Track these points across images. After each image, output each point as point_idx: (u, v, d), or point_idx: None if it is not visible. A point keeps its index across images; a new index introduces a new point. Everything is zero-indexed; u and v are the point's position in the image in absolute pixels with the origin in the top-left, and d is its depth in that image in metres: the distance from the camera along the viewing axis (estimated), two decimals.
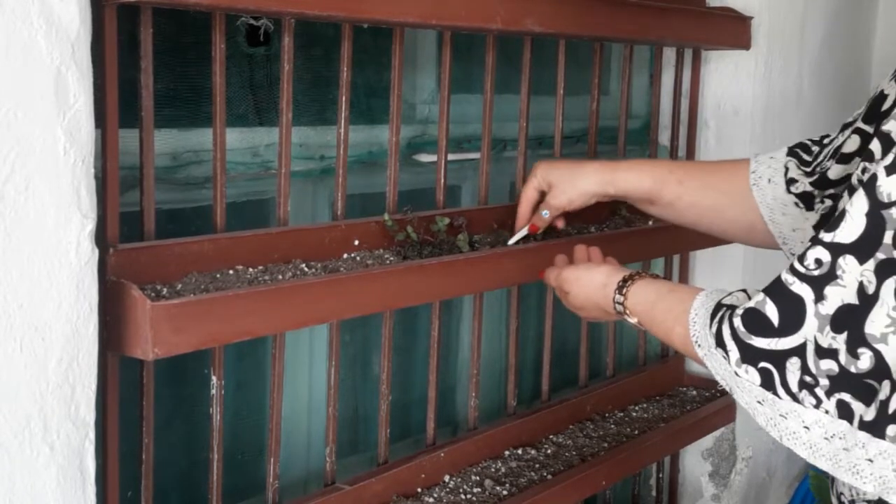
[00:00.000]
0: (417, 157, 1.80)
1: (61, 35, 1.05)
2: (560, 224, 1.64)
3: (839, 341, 0.93)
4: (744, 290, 1.10)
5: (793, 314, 0.97)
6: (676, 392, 2.19)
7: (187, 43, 1.41)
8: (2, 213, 1.02)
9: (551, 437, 1.85)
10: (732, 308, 1.06)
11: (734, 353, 1.02)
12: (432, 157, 1.72)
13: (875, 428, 0.93)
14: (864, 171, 1.07)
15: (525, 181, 1.62)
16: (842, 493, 1.14)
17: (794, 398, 0.97)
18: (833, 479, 1.16)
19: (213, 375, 1.34)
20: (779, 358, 0.98)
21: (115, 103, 1.19)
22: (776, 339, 0.98)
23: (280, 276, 1.34)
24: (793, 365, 0.97)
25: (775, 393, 0.99)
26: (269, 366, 1.42)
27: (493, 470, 1.70)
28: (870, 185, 0.94)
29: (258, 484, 1.48)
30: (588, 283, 1.37)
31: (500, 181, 1.91)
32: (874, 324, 0.91)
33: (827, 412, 0.95)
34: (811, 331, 0.96)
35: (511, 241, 1.63)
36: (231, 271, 1.32)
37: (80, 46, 1.08)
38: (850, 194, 0.98)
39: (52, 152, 1.06)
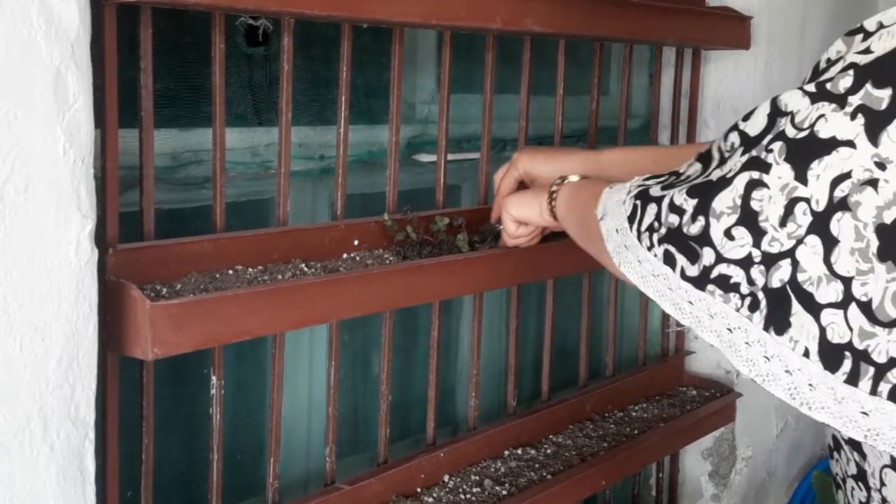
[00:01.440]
0: (417, 157, 1.80)
1: (61, 35, 1.05)
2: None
3: (689, 205, 1.02)
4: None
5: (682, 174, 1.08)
6: (676, 392, 2.19)
7: (187, 43, 1.41)
8: (2, 213, 1.02)
9: (551, 437, 1.85)
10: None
11: (632, 190, 1.12)
12: (432, 157, 1.72)
13: (697, 283, 1.02)
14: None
15: (504, 168, 1.58)
16: (836, 474, 1.16)
17: (639, 235, 1.08)
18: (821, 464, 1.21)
19: (213, 375, 1.34)
20: (648, 200, 1.08)
21: (115, 103, 1.19)
22: (660, 190, 1.07)
23: (280, 276, 1.34)
24: (651, 209, 1.07)
25: (630, 226, 1.10)
26: (269, 366, 1.42)
27: (492, 470, 1.70)
28: (778, 95, 1.02)
29: (258, 484, 1.48)
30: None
31: None
32: (719, 202, 1.00)
33: (655, 255, 1.06)
34: (676, 190, 1.05)
35: (486, 242, 1.60)
36: (231, 271, 1.32)
37: (80, 46, 1.08)
38: None
39: (52, 152, 1.06)
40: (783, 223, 0.96)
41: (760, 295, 0.98)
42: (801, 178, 0.95)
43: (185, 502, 1.50)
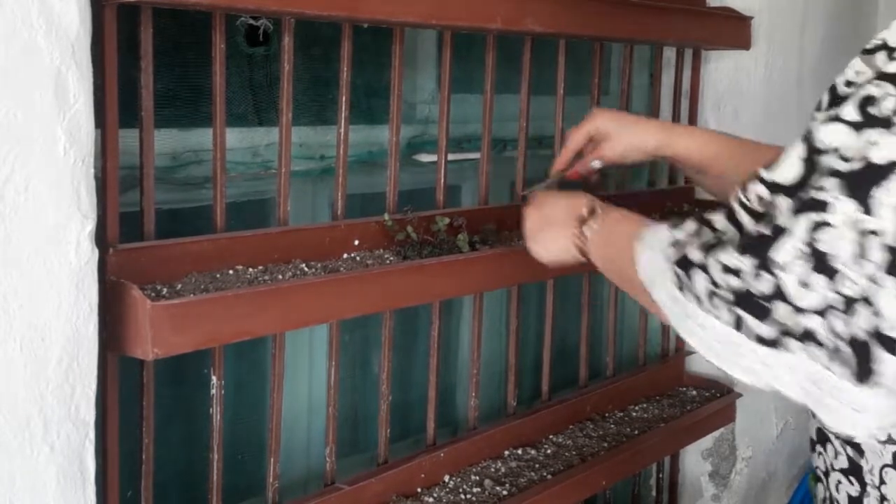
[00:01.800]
0: (417, 157, 1.80)
1: (61, 35, 1.05)
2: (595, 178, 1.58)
3: (746, 263, 0.97)
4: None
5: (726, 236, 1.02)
6: (676, 392, 2.19)
7: (187, 43, 1.41)
8: (2, 213, 1.02)
9: (551, 437, 1.85)
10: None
11: (673, 253, 1.06)
12: (432, 157, 1.72)
13: (771, 342, 0.97)
14: (812, 118, 1.11)
15: (578, 125, 1.54)
16: (817, 467, 1.16)
17: (699, 302, 1.02)
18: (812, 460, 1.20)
19: (213, 375, 1.34)
20: (692, 266, 1.03)
21: (115, 103, 1.19)
22: (704, 254, 1.02)
23: (280, 276, 1.34)
24: (699, 275, 1.02)
25: (684, 294, 1.04)
26: (269, 366, 1.42)
27: (492, 470, 1.70)
28: (808, 133, 0.99)
29: (258, 484, 1.48)
30: (560, 200, 1.39)
31: (500, 181, 1.91)
32: (780, 253, 0.95)
33: (720, 319, 1.00)
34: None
35: (541, 186, 1.56)
36: (231, 271, 1.32)
37: (80, 46, 1.08)
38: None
39: (52, 152, 1.06)
40: (857, 261, 0.91)
41: (843, 346, 0.93)
42: (866, 208, 0.91)
43: (185, 502, 1.50)
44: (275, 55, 1.50)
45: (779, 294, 0.95)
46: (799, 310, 0.95)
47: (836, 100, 1.02)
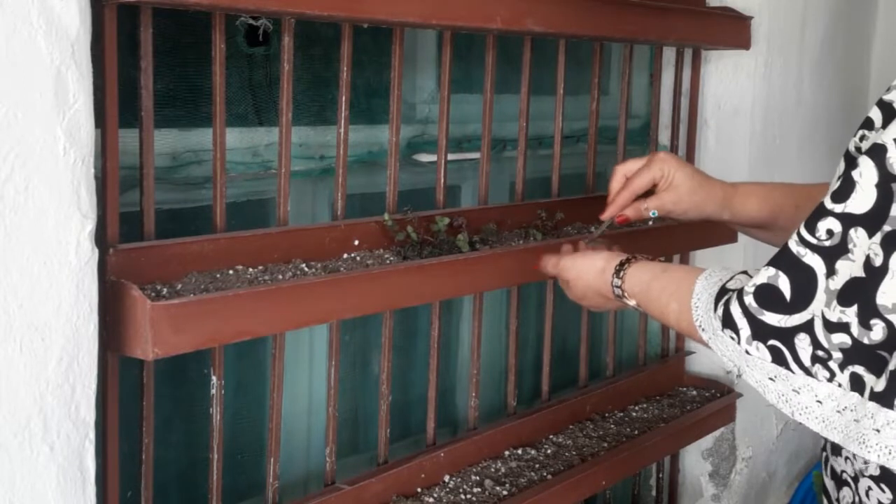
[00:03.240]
0: (417, 157, 1.80)
1: (61, 35, 1.05)
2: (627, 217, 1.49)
3: (849, 314, 0.93)
4: (744, 272, 1.09)
5: (804, 288, 0.97)
6: (676, 392, 2.19)
7: (187, 43, 1.41)
8: (2, 213, 1.02)
9: (551, 437, 1.85)
10: (739, 291, 1.05)
11: (745, 330, 1.02)
12: (432, 157, 1.72)
13: (884, 398, 0.93)
14: (861, 138, 1.08)
15: (635, 161, 1.45)
16: (843, 472, 1.14)
17: (808, 372, 0.97)
18: (827, 459, 1.17)
19: (213, 375, 1.34)
20: (787, 334, 0.98)
21: (115, 103, 1.19)
22: (787, 316, 0.98)
23: (280, 276, 1.34)
24: (802, 341, 0.97)
25: (788, 368, 0.99)
26: (269, 366, 1.42)
27: (493, 470, 1.70)
28: (879, 157, 0.94)
29: (258, 484, 1.48)
30: (587, 269, 1.36)
31: (500, 181, 1.91)
32: (885, 295, 0.92)
33: (840, 385, 0.95)
34: (819, 306, 0.96)
35: (599, 231, 1.52)
36: (231, 271, 1.32)
37: (80, 46, 1.08)
38: (851, 164, 0.98)
39: (52, 152, 1.06)
40: None
41: None
42: None
43: (185, 502, 1.50)
44: (275, 55, 1.50)
45: (894, 341, 0.90)
46: None
47: (892, 116, 0.97)
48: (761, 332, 1.00)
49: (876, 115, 1.03)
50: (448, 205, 1.67)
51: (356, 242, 1.49)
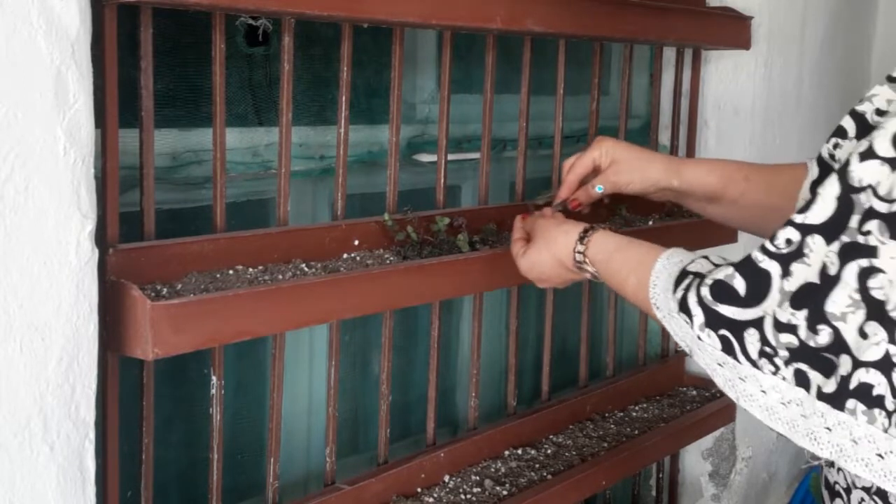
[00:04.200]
0: (417, 157, 1.80)
1: (61, 35, 1.05)
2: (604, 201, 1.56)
3: (799, 317, 0.96)
4: (705, 257, 1.12)
5: (758, 288, 1.00)
6: (676, 392, 2.19)
7: (187, 43, 1.41)
8: (2, 213, 1.02)
9: (551, 437, 1.85)
10: (700, 277, 1.08)
11: (698, 317, 1.05)
12: (432, 157, 1.72)
13: (835, 400, 0.96)
14: (835, 146, 1.12)
15: (578, 153, 1.51)
16: (836, 483, 1.14)
17: (754, 364, 1.00)
18: (822, 470, 1.17)
19: (213, 375, 1.34)
20: (738, 327, 1.01)
21: (115, 103, 1.19)
22: (740, 310, 1.01)
23: (280, 276, 1.34)
24: (751, 336, 1.00)
25: (735, 358, 1.02)
26: (269, 366, 1.42)
27: (493, 470, 1.70)
28: (842, 170, 0.96)
29: (258, 484, 1.48)
30: (554, 232, 1.37)
31: (500, 181, 1.91)
32: (835, 303, 0.94)
33: (784, 379, 0.99)
34: (772, 305, 0.99)
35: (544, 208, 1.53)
36: (231, 271, 1.32)
37: (80, 46, 1.08)
38: (826, 171, 1.01)
39: (52, 152, 1.06)
40: None
41: None
42: None
43: (185, 502, 1.50)
44: (274, 55, 1.50)
45: (841, 345, 0.93)
46: (859, 363, 0.93)
47: (866, 129, 0.99)
48: (714, 321, 1.03)
49: (849, 124, 1.06)
50: (448, 205, 1.67)
51: (356, 242, 1.49)
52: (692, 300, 1.06)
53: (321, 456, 1.52)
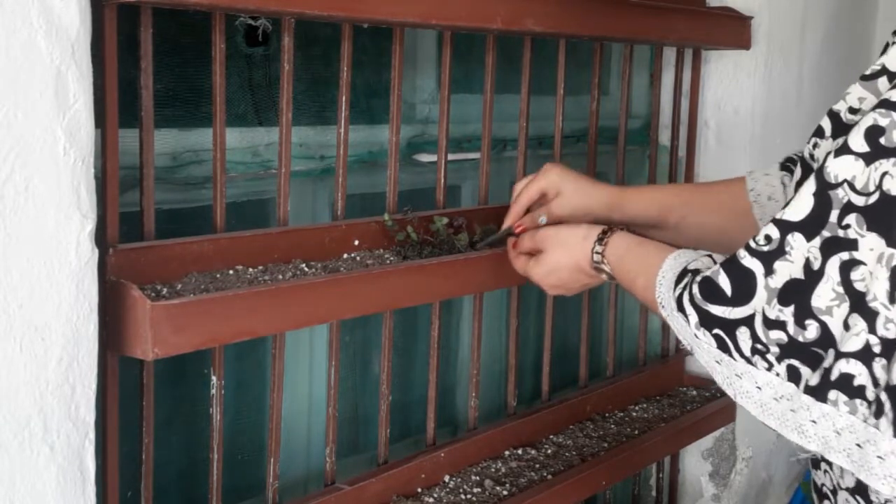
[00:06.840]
0: (417, 157, 1.80)
1: (61, 35, 1.05)
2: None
3: (786, 314, 0.98)
4: (709, 255, 1.14)
5: (743, 285, 1.02)
6: (676, 392, 2.19)
7: (187, 43, 1.41)
8: (2, 214, 1.02)
9: (551, 437, 1.85)
10: (695, 273, 1.10)
11: (693, 317, 1.07)
12: (432, 157, 1.72)
13: (818, 392, 0.98)
14: (814, 146, 1.14)
15: (529, 178, 1.53)
16: (823, 485, 1.15)
17: (748, 361, 1.03)
18: (809, 473, 1.19)
19: (213, 375, 1.34)
20: (730, 326, 1.04)
21: (115, 103, 1.19)
22: (730, 309, 1.03)
23: (280, 276, 1.34)
24: (743, 334, 1.02)
25: (730, 355, 1.04)
26: (269, 366, 1.42)
27: (493, 470, 1.70)
28: (819, 168, 0.99)
29: (258, 484, 1.48)
30: (569, 237, 1.37)
31: (500, 181, 1.91)
32: (820, 298, 0.96)
33: (777, 374, 1.01)
34: (760, 302, 1.01)
35: (490, 239, 1.56)
36: (231, 271, 1.32)
37: (80, 46, 1.08)
38: (808, 171, 1.04)
39: (52, 152, 1.06)
40: (892, 299, 0.92)
41: (884, 397, 0.93)
42: (893, 242, 0.92)
43: (185, 502, 1.50)
44: (275, 55, 1.50)
45: (829, 339, 0.95)
46: (840, 354, 0.95)
47: (841, 127, 1.02)
48: (707, 321, 1.06)
49: (826, 123, 1.10)
50: (448, 205, 1.67)
51: (356, 242, 1.49)
52: (686, 300, 1.08)
53: (321, 456, 1.52)
